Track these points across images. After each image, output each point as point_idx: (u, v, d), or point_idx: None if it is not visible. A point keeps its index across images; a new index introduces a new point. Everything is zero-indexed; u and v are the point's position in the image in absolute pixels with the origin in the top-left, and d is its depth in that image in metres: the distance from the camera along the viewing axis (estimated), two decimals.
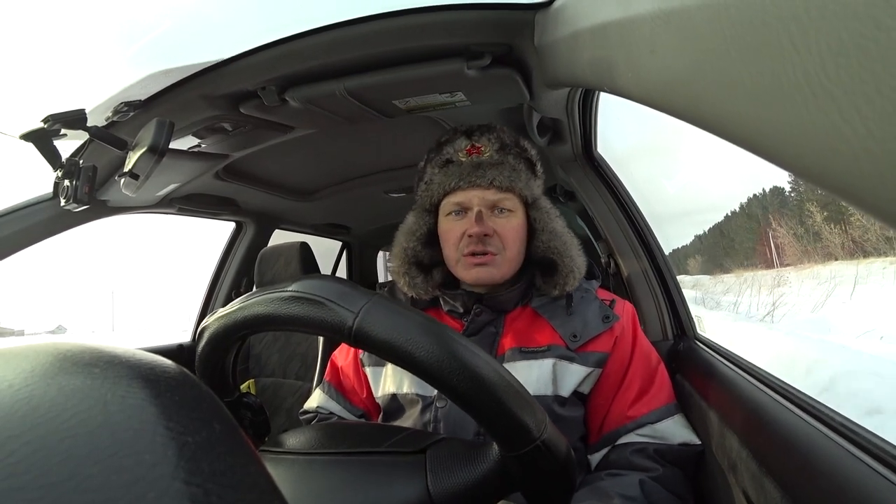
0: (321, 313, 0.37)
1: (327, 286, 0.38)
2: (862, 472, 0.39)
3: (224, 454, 0.17)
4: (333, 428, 0.54)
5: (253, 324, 0.41)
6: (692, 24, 0.25)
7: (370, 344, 0.36)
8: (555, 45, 0.58)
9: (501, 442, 0.38)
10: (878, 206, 0.17)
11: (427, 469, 0.40)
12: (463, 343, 0.36)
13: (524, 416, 0.36)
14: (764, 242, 13.64)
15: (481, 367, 0.35)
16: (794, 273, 11.81)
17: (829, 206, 12.27)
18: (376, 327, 0.36)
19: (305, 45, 0.74)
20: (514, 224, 0.75)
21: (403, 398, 0.75)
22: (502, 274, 0.75)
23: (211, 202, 1.50)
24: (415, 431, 0.49)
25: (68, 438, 0.14)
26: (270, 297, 0.39)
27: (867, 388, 2.44)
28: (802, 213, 13.34)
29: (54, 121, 0.80)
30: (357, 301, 0.37)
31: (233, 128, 0.98)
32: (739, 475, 0.55)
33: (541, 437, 0.37)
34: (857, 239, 11.85)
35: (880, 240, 11.14)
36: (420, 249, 0.79)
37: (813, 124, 0.18)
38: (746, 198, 14.29)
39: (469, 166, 0.74)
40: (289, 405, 1.69)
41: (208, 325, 0.44)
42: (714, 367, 0.74)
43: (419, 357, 0.35)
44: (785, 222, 13.57)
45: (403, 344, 0.35)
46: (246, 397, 0.54)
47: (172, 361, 0.20)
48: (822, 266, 11.09)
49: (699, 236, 29.45)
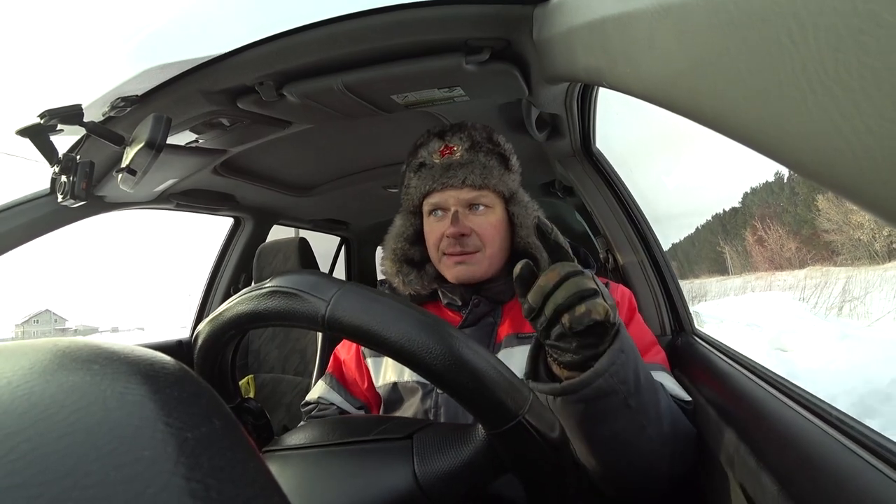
0: (296, 305, 0.38)
1: (300, 278, 0.39)
2: (858, 466, 0.39)
3: (224, 450, 0.17)
4: (328, 423, 0.54)
5: (238, 322, 0.42)
6: (691, 20, 0.25)
7: (343, 330, 0.36)
8: (553, 40, 0.58)
9: (482, 419, 0.38)
10: (876, 203, 0.17)
11: (413, 454, 0.40)
12: (435, 322, 0.36)
13: (501, 393, 0.36)
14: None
15: (455, 345, 0.35)
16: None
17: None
18: (347, 313, 0.36)
19: (303, 40, 0.73)
20: (492, 220, 0.76)
21: (404, 387, 0.76)
22: (483, 270, 0.76)
23: (209, 198, 1.49)
24: (403, 419, 0.50)
25: (67, 435, 0.14)
26: (252, 295, 0.40)
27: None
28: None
29: (51, 116, 0.79)
30: (328, 289, 0.38)
31: (231, 123, 0.97)
32: (737, 469, 0.55)
33: (523, 413, 0.37)
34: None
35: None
36: (409, 248, 0.81)
37: (811, 120, 0.18)
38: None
39: (440, 168, 0.75)
40: (288, 401, 1.69)
41: (200, 331, 0.45)
42: (712, 362, 0.75)
43: (392, 339, 0.35)
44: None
45: (375, 327, 0.36)
46: (247, 402, 0.54)
47: (172, 358, 0.20)
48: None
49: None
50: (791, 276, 9.84)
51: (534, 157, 1.41)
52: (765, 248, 11.84)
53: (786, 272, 10.41)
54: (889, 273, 7.09)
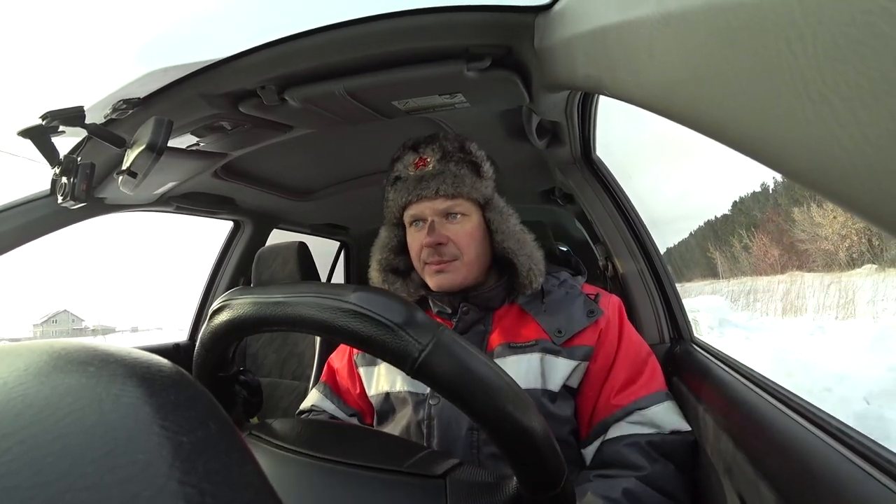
0: (386, 337, 0.36)
1: (394, 306, 0.37)
2: (857, 476, 0.39)
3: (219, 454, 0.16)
4: (342, 430, 0.54)
5: (297, 323, 0.39)
6: (691, 29, 0.25)
7: (431, 380, 0.36)
8: (554, 47, 0.58)
9: (528, 487, 0.39)
10: (874, 212, 0.17)
11: (447, 496, 0.41)
12: (522, 397, 0.37)
13: (554, 468, 0.38)
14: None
15: (532, 422, 0.36)
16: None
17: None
18: (443, 367, 0.35)
19: (305, 45, 0.74)
20: (468, 228, 0.77)
21: (396, 396, 0.77)
22: (463, 277, 0.77)
23: (209, 201, 1.49)
24: (431, 452, 0.50)
25: (62, 437, 0.14)
26: (328, 304, 0.37)
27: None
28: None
29: (52, 118, 0.80)
30: (425, 333, 0.36)
31: (232, 127, 0.97)
32: (734, 478, 0.55)
33: (562, 486, 0.38)
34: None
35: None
36: (393, 258, 0.84)
37: (809, 129, 0.18)
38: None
39: (414, 180, 0.76)
40: (285, 405, 1.68)
41: (232, 305, 0.42)
42: (710, 370, 0.75)
43: (478, 407, 0.36)
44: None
45: (464, 393, 0.35)
46: (244, 374, 0.54)
47: (168, 361, 0.20)
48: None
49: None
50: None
51: (534, 165, 1.41)
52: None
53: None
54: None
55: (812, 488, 0.42)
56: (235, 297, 0.43)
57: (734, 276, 13.39)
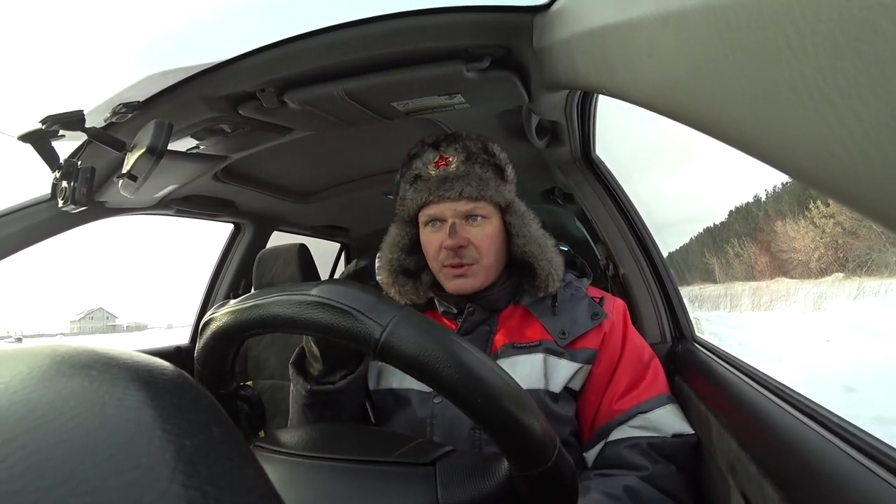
0: (348, 323, 0.36)
1: (354, 294, 0.38)
2: (860, 474, 0.39)
3: (222, 457, 0.16)
4: (335, 430, 0.53)
5: (269, 324, 0.40)
6: (690, 28, 0.25)
7: (396, 359, 0.36)
8: (553, 47, 0.58)
9: (515, 462, 0.38)
10: (874, 210, 0.17)
11: (437, 482, 0.41)
12: (489, 365, 0.37)
13: (537, 442, 0.37)
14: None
15: (506, 390, 0.36)
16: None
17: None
18: (404, 343, 0.35)
19: (304, 47, 0.74)
20: (489, 232, 0.76)
21: (402, 394, 0.76)
22: (481, 281, 0.76)
23: (209, 204, 1.50)
24: (422, 442, 0.50)
25: (65, 441, 0.14)
26: (293, 300, 0.38)
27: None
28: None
29: (52, 122, 0.80)
30: (386, 314, 0.36)
31: (231, 129, 0.97)
32: (738, 477, 0.55)
33: (553, 459, 0.38)
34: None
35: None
36: (405, 258, 0.81)
37: (810, 127, 0.18)
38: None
39: (437, 180, 0.75)
40: (287, 408, 1.68)
41: (216, 318, 0.43)
42: (712, 369, 0.74)
43: (445, 379, 0.35)
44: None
45: (429, 363, 0.35)
46: (243, 389, 0.54)
47: (170, 364, 0.20)
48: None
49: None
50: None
51: (534, 165, 1.41)
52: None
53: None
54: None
55: (816, 486, 0.42)
56: (217, 309, 0.44)
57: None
